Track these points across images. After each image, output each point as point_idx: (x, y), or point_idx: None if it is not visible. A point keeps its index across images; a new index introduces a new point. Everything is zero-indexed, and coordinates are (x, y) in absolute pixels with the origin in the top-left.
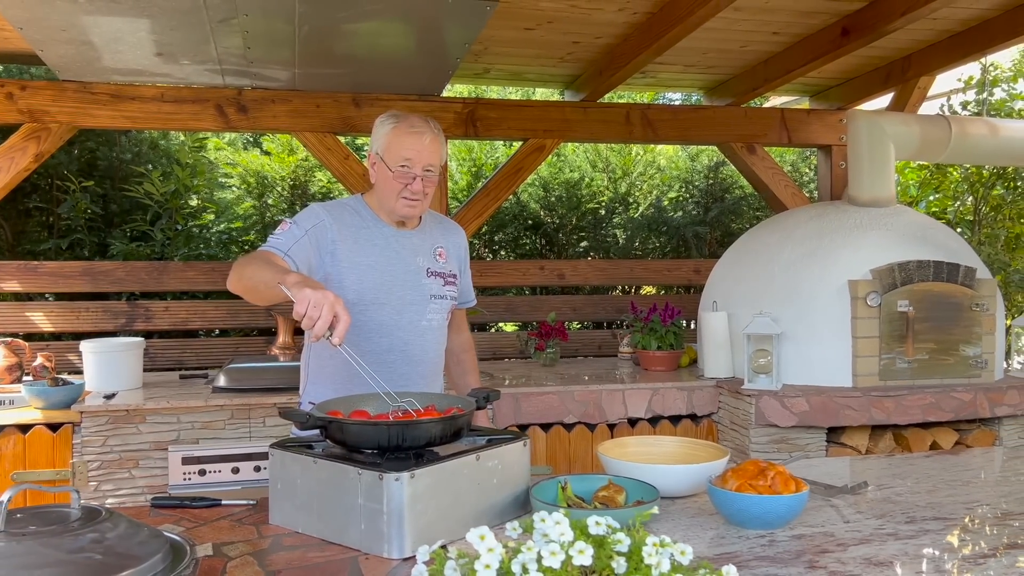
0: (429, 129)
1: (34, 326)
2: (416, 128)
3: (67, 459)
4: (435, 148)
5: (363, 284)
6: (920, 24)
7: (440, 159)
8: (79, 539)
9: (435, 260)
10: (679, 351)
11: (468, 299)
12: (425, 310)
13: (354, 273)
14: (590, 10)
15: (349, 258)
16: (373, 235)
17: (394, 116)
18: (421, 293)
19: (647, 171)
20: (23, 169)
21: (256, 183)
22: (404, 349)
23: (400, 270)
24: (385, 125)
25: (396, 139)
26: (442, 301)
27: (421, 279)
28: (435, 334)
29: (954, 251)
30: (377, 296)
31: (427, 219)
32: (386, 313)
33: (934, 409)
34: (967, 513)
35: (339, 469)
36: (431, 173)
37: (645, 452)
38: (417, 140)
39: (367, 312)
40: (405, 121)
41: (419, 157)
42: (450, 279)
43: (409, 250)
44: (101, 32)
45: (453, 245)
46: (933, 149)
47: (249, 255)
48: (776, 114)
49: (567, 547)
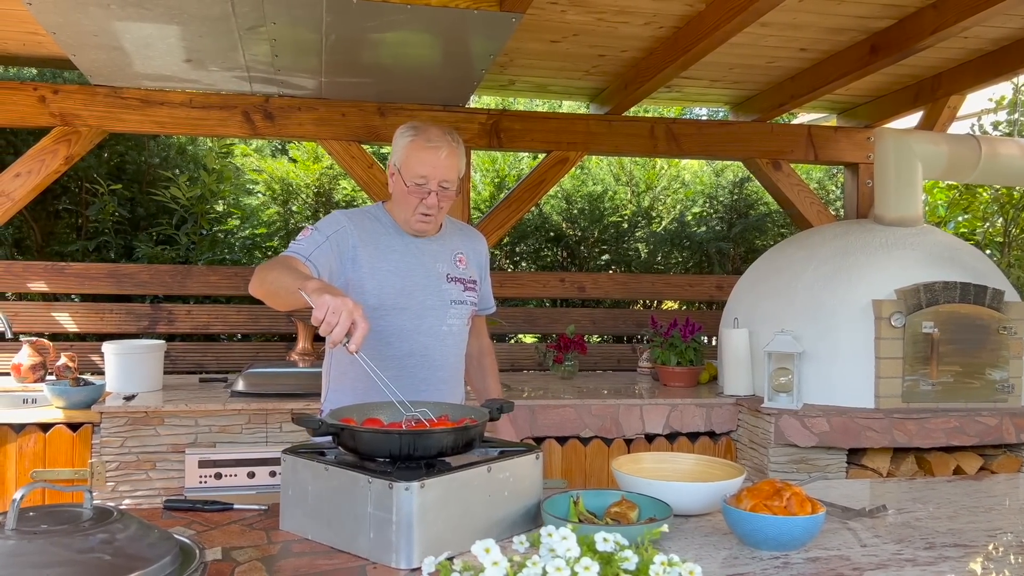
0: (446, 143)
1: (59, 326)
2: (432, 143)
3: (86, 459)
4: (451, 163)
5: (383, 289)
6: (950, 43)
7: (457, 173)
8: (89, 539)
9: (455, 266)
10: (699, 367)
11: (488, 305)
12: (445, 315)
13: (375, 278)
14: (616, 23)
15: (370, 263)
16: (393, 242)
17: (413, 129)
18: (441, 298)
19: (671, 185)
20: (53, 171)
21: (281, 190)
22: (424, 354)
23: (420, 275)
24: (404, 138)
25: (413, 154)
26: (462, 306)
27: (441, 284)
28: (455, 339)
29: (982, 273)
30: (397, 301)
31: (447, 225)
32: (406, 318)
33: (958, 433)
34: (989, 541)
35: (350, 477)
36: (447, 189)
37: (660, 469)
38: (433, 156)
39: (387, 317)
40: (423, 135)
41: (434, 173)
42: (470, 285)
43: (429, 256)
44: (132, 38)
45: (474, 251)
46: (962, 169)
47: (272, 260)
48: (803, 131)
49: (572, 563)
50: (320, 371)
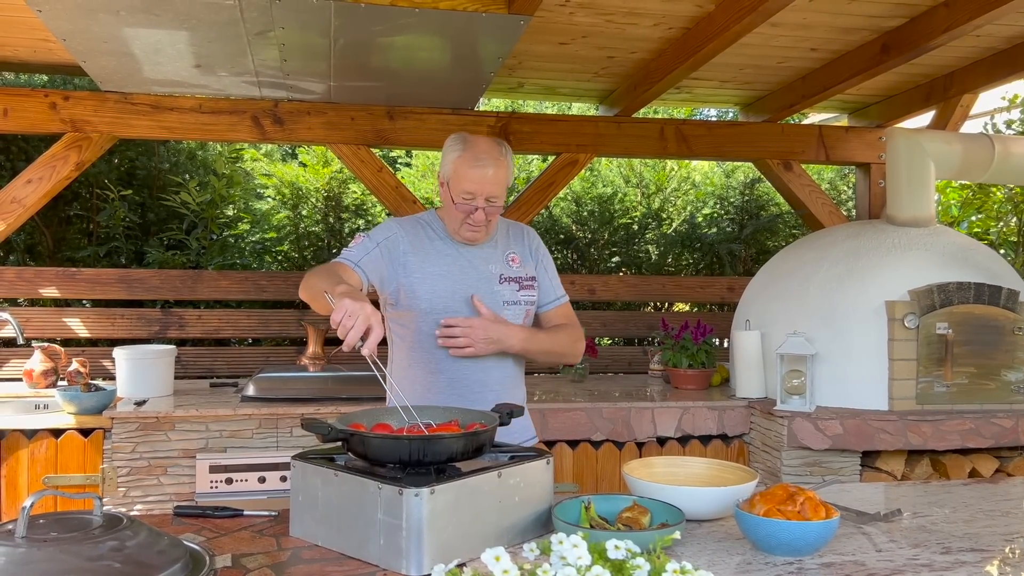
0: (493, 160)
1: (71, 332)
2: (480, 162)
3: (98, 464)
4: (499, 179)
5: (435, 293)
6: (962, 41)
7: (505, 187)
8: (99, 547)
9: (508, 266)
10: (711, 370)
11: (552, 298)
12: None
13: (426, 283)
14: (625, 25)
15: (421, 268)
16: (445, 247)
17: (462, 142)
18: (494, 300)
19: (681, 187)
20: (64, 177)
21: (291, 194)
22: (479, 357)
23: (472, 278)
24: (452, 151)
25: (460, 170)
26: (516, 307)
27: (493, 286)
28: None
29: (996, 273)
30: (449, 304)
31: (499, 226)
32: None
33: (973, 435)
34: (1006, 545)
35: (359, 483)
36: (494, 204)
37: (672, 473)
38: (480, 173)
39: (440, 321)
40: (471, 151)
41: (481, 190)
42: (527, 283)
43: (481, 259)
44: (142, 44)
45: (526, 248)
46: (975, 168)
47: (321, 266)
48: (814, 131)
49: (584, 571)
50: (333, 376)
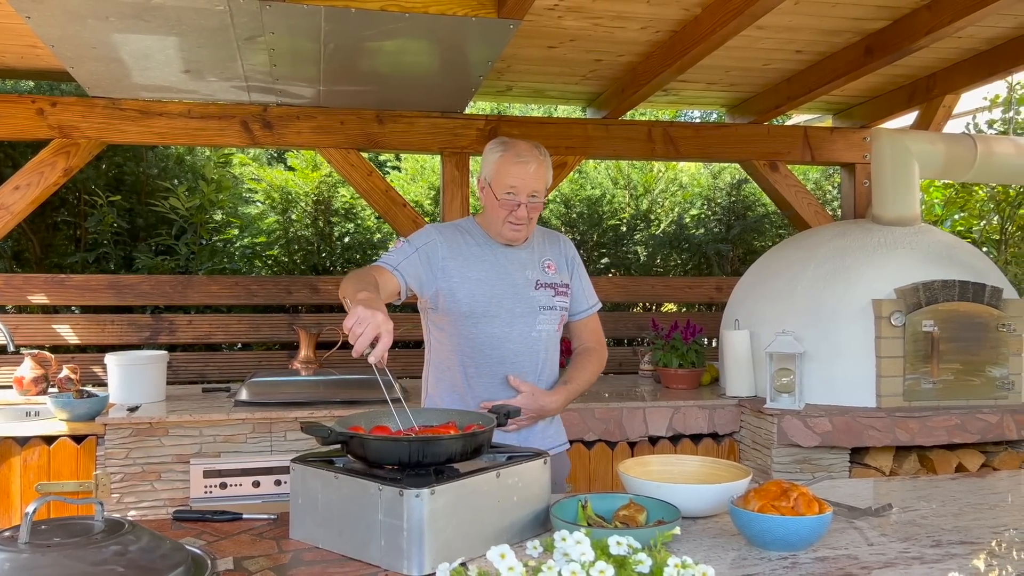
0: (534, 157)
1: (61, 339)
2: (522, 158)
3: (91, 471)
4: (540, 175)
5: (475, 298)
6: (945, 43)
7: (545, 184)
8: (102, 551)
9: (544, 272)
10: (701, 369)
11: (585, 307)
12: (535, 322)
13: (465, 287)
14: (613, 28)
15: (460, 273)
16: (483, 252)
17: (503, 144)
18: (530, 305)
19: (669, 188)
20: (52, 184)
21: (280, 198)
22: (515, 361)
23: (509, 284)
24: (494, 153)
25: (503, 167)
26: (551, 312)
27: (530, 291)
28: (544, 344)
29: (980, 271)
30: (488, 309)
31: (535, 233)
32: (497, 325)
33: (959, 431)
34: (994, 537)
35: (360, 485)
36: (536, 199)
37: (666, 471)
38: (523, 169)
39: (479, 325)
40: (512, 150)
41: (524, 185)
42: (562, 289)
43: (517, 265)
44: (130, 50)
45: (561, 255)
46: (958, 168)
47: (358, 269)
48: (799, 132)
49: (588, 567)
50: (325, 379)
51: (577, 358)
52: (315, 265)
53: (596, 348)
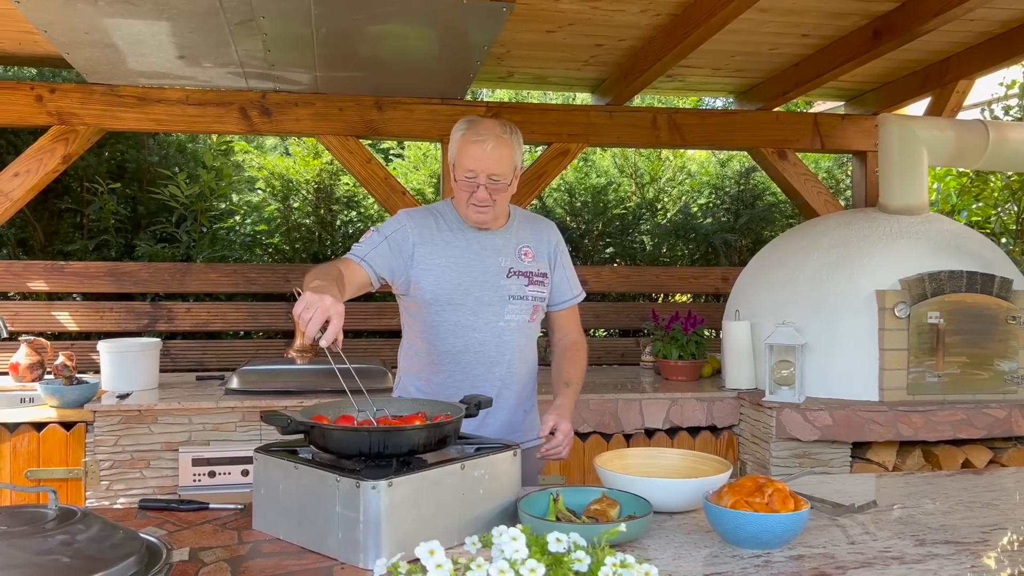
0: (494, 136)
1: (60, 325)
2: (480, 137)
3: (80, 458)
4: (498, 156)
5: (440, 285)
6: (956, 25)
7: (510, 165)
8: (48, 541)
9: (519, 260)
10: (701, 361)
11: (567, 298)
12: (503, 311)
13: (431, 274)
14: (611, 11)
15: (427, 260)
16: (455, 237)
17: (466, 123)
18: (499, 294)
19: (676, 176)
20: (51, 171)
21: (281, 186)
22: (479, 350)
23: (479, 271)
24: (457, 132)
25: (462, 148)
26: (522, 302)
27: (500, 280)
28: (513, 335)
29: (989, 261)
30: (453, 296)
31: (516, 218)
32: (461, 313)
33: (965, 426)
34: (982, 537)
35: (319, 476)
36: (497, 181)
37: (647, 465)
38: (479, 149)
39: (443, 312)
40: (472, 129)
41: (482, 166)
42: (537, 279)
43: (491, 251)
44: (123, 35)
45: (543, 242)
46: (969, 155)
47: (328, 262)
48: (809, 119)
49: (516, 565)
50: (318, 368)
51: (566, 353)
52: (316, 253)
53: (579, 341)
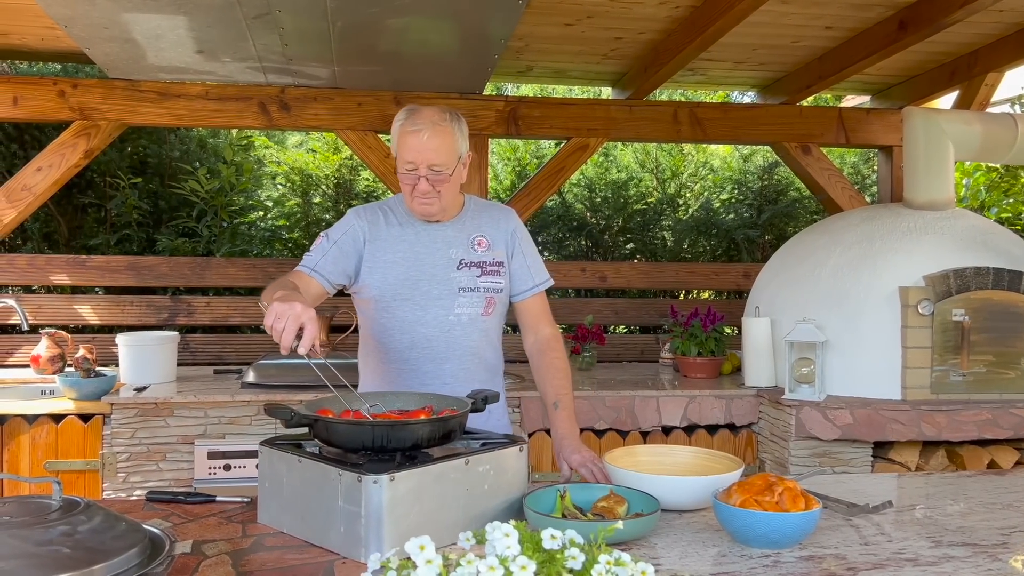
0: (430, 125)
1: (81, 319)
2: (416, 126)
3: (97, 450)
4: (436, 145)
5: (386, 281)
6: (984, 16)
7: (449, 154)
8: (49, 531)
9: (471, 250)
10: (720, 358)
11: (527, 286)
12: (453, 304)
13: (378, 272)
14: (630, 4)
15: (375, 257)
16: (403, 232)
17: (405, 112)
18: (449, 287)
19: (698, 172)
20: (73, 165)
21: (301, 181)
22: (427, 346)
23: (427, 264)
24: (396, 122)
25: (400, 139)
26: (473, 294)
27: (450, 272)
28: (464, 329)
29: (1017, 257)
30: (399, 292)
31: (469, 207)
32: (408, 309)
33: (991, 426)
34: (1001, 540)
35: (321, 470)
36: (438, 171)
37: (657, 462)
38: (415, 139)
39: (389, 309)
40: (409, 119)
41: (421, 157)
42: (491, 269)
43: (441, 243)
44: (142, 29)
45: (499, 231)
46: (996, 149)
47: (280, 277)
48: (833, 113)
49: (507, 561)
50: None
51: (544, 358)
52: None
53: (552, 336)
